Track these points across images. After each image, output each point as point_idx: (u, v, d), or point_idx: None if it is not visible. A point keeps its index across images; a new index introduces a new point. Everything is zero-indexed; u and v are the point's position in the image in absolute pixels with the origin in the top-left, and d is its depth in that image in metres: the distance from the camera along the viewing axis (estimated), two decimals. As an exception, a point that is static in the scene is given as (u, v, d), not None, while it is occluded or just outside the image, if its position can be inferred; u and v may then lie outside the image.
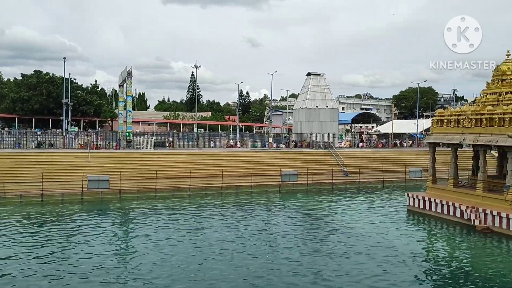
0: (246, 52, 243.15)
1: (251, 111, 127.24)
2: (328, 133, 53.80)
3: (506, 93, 27.16)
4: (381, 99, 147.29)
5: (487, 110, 26.65)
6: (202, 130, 78.04)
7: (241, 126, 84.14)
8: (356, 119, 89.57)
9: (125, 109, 51.38)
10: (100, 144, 44.16)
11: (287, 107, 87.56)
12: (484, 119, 26.68)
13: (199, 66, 61.27)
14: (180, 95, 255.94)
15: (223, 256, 19.64)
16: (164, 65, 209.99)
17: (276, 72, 60.80)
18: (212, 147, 48.78)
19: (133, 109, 67.26)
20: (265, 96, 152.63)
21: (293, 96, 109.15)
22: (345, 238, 23.19)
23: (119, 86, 56.58)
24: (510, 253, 21.38)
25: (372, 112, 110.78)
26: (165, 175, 38.65)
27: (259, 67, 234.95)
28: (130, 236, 23.81)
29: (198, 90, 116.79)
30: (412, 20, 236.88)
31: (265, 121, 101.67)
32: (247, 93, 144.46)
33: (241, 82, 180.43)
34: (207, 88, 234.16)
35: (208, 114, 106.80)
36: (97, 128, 78.52)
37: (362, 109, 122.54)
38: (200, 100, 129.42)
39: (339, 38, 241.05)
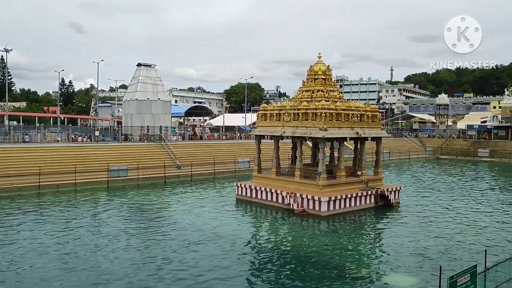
0: (70, 38, 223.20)
1: (75, 102, 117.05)
2: (160, 126, 52.93)
3: (318, 90, 30.58)
4: (213, 93, 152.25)
5: (302, 105, 29.59)
6: (15, 122, 68.40)
7: (63, 118, 76.57)
8: (189, 112, 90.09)
9: None
10: None
11: (117, 99, 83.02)
12: (300, 114, 29.60)
13: (11, 49, 53.19)
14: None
15: (41, 263, 17.46)
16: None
17: (103, 61, 57.13)
18: (27, 141, 43.10)
19: None
20: (92, 86, 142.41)
21: (123, 87, 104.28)
22: (176, 231, 23.10)
23: None
24: (320, 231, 24.21)
25: (204, 105, 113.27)
26: (-36, 176, 32.62)
27: (85, 54, 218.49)
28: None
29: (9, 77, 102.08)
30: (243, 18, 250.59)
31: (92, 113, 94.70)
32: (70, 82, 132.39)
33: (63, 70, 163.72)
34: (22, 75, 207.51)
35: (23, 104, 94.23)
36: None
37: (195, 102, 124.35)
38: (13, 88, 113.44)
39: (172, 30, 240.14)
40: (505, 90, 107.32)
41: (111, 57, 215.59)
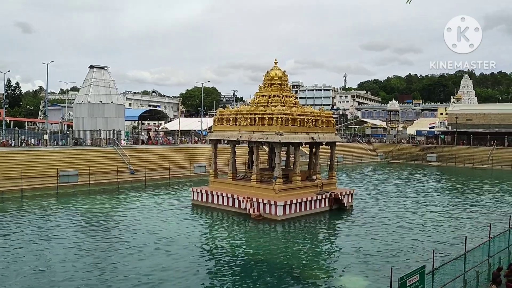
0: (17, 38, 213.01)
1: (22, 105, 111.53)
2: (113, 130, 51.49)
3: (274, 96, 30.85)
4: (169, 96, 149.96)
5: (259, 110, 29.74)
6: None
7: (8, 121, 72.73)
8: (144, 116, 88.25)
9: None
10: None
11: (67, 101, 79.95)
12: (257, 118, 29.72)
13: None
14: None
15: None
16: None
17: (52, 62, 54.50)
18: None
19: None
20: (41, 88, 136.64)
21: (75, 89, 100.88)
22: (129, 237, 22.49)
23: None
24: (276, 235, 24.36)
25: (160, 109, 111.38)
26: None
27: (33, 55, 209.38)
28: None
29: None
30: (198, 21, 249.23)
31: (40, 116, 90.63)
32: (17, 83, 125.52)
33: (9, 71, 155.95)
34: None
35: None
36: None
37: (150, 105, 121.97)
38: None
39: (125, 31, 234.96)
40: (451, 97, 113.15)
41: (61, 58, 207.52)
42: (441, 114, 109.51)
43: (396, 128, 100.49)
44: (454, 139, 79.76)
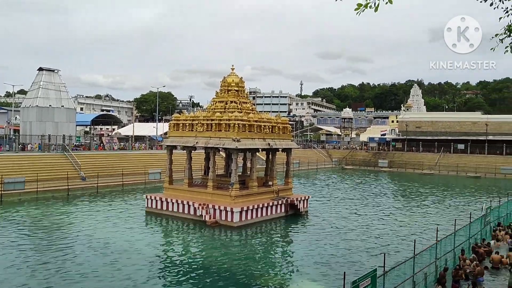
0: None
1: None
2: (64, 135, 49.52)
3: (231, 102, 30.85)
4: (123, 101, 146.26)
5: (216, 116, 29.61)
6: None
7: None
8: (97, 121, 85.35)
9: None
10: None
11: (14, 105, 76.16)
12: (214, 124, 29.57)
13: None
14: None
15: None
16: None
17: (-2, 63, 52.01)
18: None
19: None
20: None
21: (22, 92, 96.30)
22: (80, 247, 21.60)
23: None
24: (232, 241, 24.24)
25: (113, 114, 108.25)
26: None
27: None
28: None
29: None
30: (153, 25, 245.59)
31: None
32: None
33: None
34: None
35: None
36: None
37: (102, 110, 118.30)
38: None
39: (78, 33, 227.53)
40: (402, 105, 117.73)
41: (7, 59, 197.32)
42: (392, 121, 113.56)
43: (350, 135, 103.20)
44: (404, 146, 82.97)
